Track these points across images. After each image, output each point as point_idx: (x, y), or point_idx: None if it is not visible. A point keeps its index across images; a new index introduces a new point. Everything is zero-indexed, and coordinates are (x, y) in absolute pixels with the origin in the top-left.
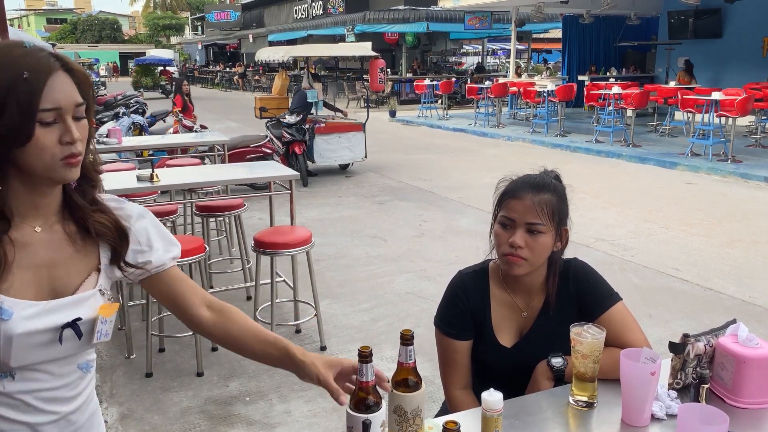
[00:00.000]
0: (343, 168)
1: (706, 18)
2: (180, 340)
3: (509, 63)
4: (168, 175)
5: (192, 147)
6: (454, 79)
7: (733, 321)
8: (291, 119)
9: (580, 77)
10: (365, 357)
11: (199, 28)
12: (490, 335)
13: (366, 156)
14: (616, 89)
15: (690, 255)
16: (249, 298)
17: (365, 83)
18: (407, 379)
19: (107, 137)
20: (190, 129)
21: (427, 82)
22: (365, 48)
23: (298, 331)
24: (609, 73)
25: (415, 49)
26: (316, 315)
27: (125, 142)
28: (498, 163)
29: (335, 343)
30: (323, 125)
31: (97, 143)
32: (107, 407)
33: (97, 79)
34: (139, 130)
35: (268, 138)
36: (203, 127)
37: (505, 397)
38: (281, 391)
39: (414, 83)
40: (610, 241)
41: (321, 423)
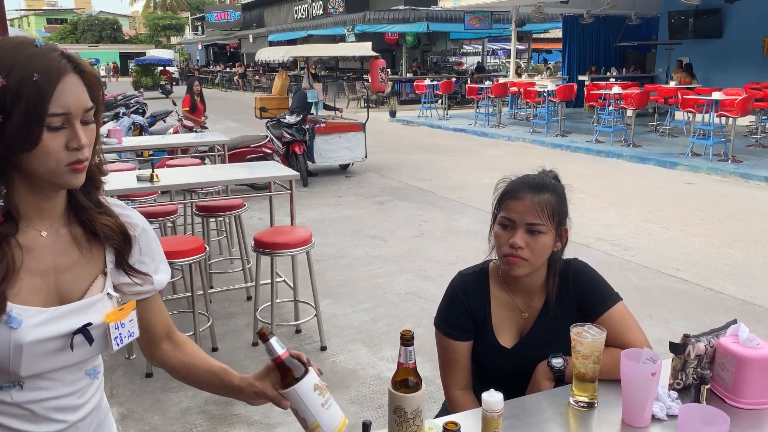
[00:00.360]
0: (344, 168)
1: (706, 18)
2: None
3: (509, 63)
4: (168, 176)
5: (192, 147)
6: (454, 79)
7: (734, 321)
8: (291, 119)
9: (580, 77)
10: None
11: (200, 28)
12: (490, 336)
13: (366, 156)
14: (616, 89)
15: (690, 255)
16: (249, 298)
17: (365, 83)
18: (407, 380)
19: (107, 137)
20: (190, 129)
21: (428, 82)
22: (365, 48)
23: (298, 331)
24: (609, 73)
25: (416, 49)
26: (316, 315)
27: (125, 142)
28: (498, 163)
29: (335, 343)
30: (323, 125)
31: None
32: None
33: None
34: (139, 130)
35: (268, 138)
36: (203, 128)
37: (506, 398)
38: None
39: (414, 83)
40: (610, 241)
41: None
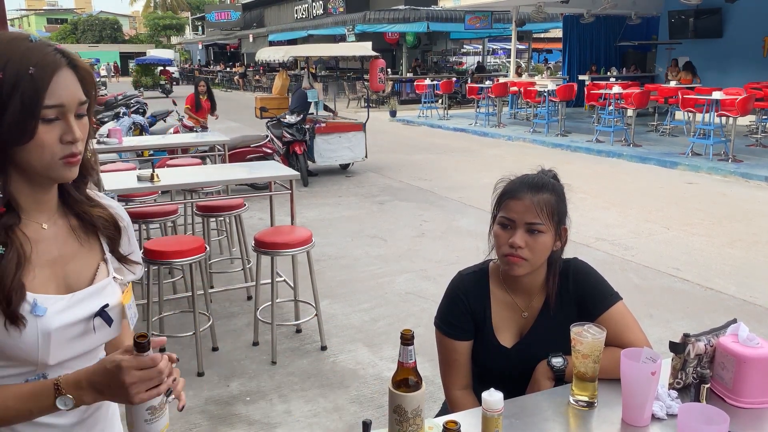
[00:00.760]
0: (344, 168)
1: (706, 18)
2: (180, 340)
3: (510, 63)
4: (168, 175)
5: (192, 147)
6: (454, 79)
7: (734, 321)
8: (291, 119)
9: (580, 77)
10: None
11: (200, 28)
12: (490, 335)
13: (366, 156)
14: (616, 89)
15: (691, 255)
16: (249, 297)
17: (365, 83)
18: (407, 379)
19: (108, 137)
20: (190, 129)
21: (428, 81)
22: (365, 48)
23: (298, 331)
24: (609, 73)
25: (416, 49)
26: (316, 315)
27: (126, 142)
28: (498, 163)
29: (336, 343)
30: (323, 125)
31: (98, 143)
32: None
33: (98, 79)
34: (140, 130)
35: (268, 138)
36: (204, 128)
37: (506, 397)
38: (281, 391)
39: (414, 83)
40: (610, 241)
41: (321, 423)
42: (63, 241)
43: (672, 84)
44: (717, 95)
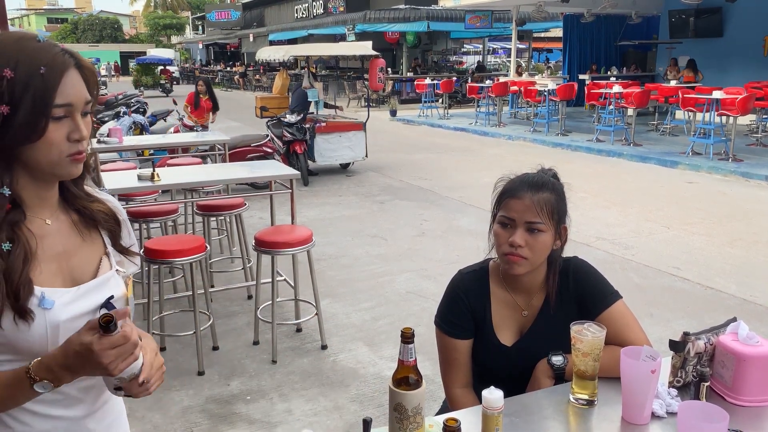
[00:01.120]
0: (344, 167)
1: (706, 17)
2: (181, 339)
3: (510, 62)
4: (169, 175)
5: (193, 146)
6: (454, 79)
7: (734, 319)
8: (291, 118)
9: (580, 76)
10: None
11: (200, 27)
12: (490, 334)
13: (367, 155)
14: (616, 88)
15: (691, 254)
16: (250, 297)
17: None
18: (408, 377)
19: (108, 137)
20: (191, 128)
21: (428, 81)
22: (366, 47)
23: (299, 330)
24: (610, 72)
25: (416, 49)
26: (316, 314)
27: (126, 141)
28: (498, 163)
29: (336, 342)
30: (324, 124)
31: (98, 143)
32: None
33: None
34: (140, 129)
35: (268, 137)
36: (204, 127)
37: (506, 396)
38: (282, 390)
39: (414, 82)
40: (610, 240)
41: (322, 422)
42: (66, 236)
43: (672, 83)
44: (717, 94)
